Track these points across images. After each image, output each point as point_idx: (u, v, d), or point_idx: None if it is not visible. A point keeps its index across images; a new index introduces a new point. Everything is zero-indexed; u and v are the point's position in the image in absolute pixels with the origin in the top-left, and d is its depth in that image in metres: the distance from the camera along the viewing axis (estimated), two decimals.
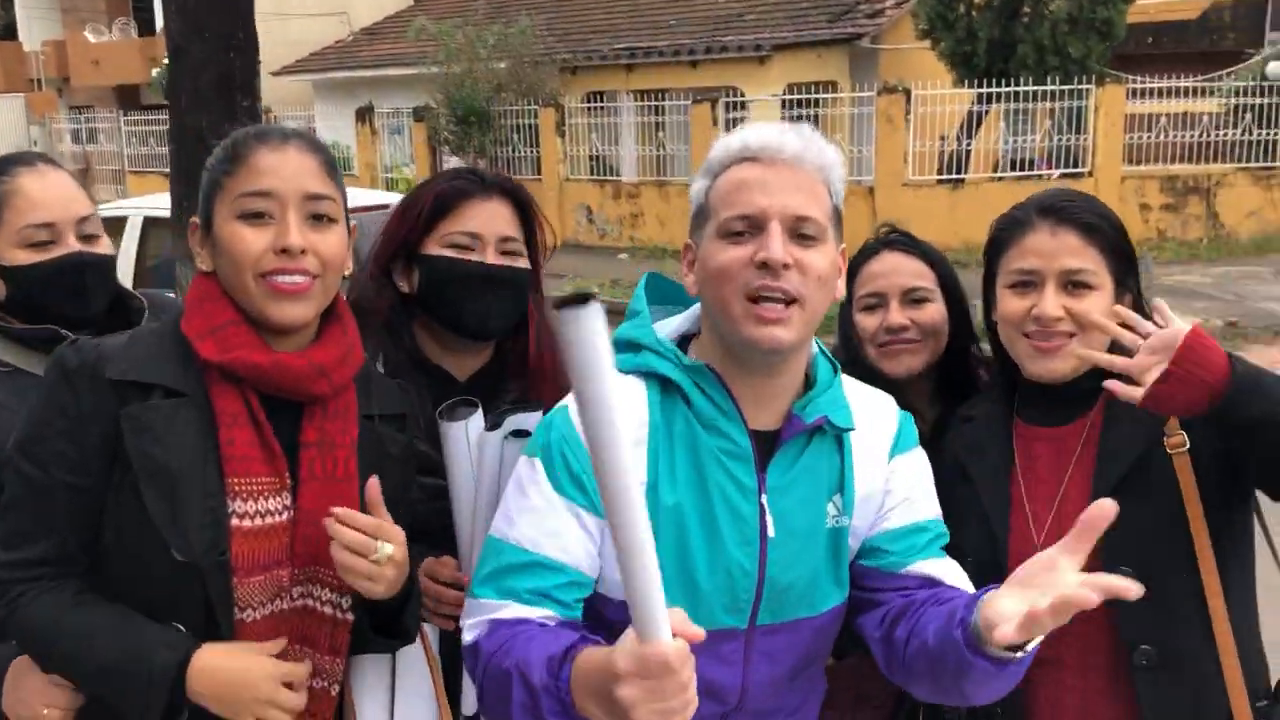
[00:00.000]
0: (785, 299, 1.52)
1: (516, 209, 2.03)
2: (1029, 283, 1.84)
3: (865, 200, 14.07)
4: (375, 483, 1.60)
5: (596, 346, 1.03)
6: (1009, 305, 1.87)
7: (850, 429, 1.65)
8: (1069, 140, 14.36)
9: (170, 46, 4.86)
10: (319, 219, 1.63)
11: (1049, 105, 14.31)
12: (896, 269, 2.17)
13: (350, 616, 1.67)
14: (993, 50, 14.13)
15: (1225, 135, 14.58)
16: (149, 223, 7.58)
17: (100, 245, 2.05)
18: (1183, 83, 14.64)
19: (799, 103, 15.05)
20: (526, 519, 1.58)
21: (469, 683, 1.83)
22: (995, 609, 1.37)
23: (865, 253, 2.19)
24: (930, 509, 1.71)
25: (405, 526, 1.67)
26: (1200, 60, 16.76)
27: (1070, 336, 1.82)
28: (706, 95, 15.57)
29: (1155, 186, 14.50)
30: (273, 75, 19.31)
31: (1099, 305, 1.81)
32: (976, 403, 2.06)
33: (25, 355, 1.96)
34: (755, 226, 1.53)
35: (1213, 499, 1.77)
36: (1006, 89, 14.17)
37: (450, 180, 2.02)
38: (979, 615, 1.40)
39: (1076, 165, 14.38)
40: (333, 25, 23.39)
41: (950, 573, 1.65)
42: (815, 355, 1.68)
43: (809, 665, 1.70)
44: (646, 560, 1.10)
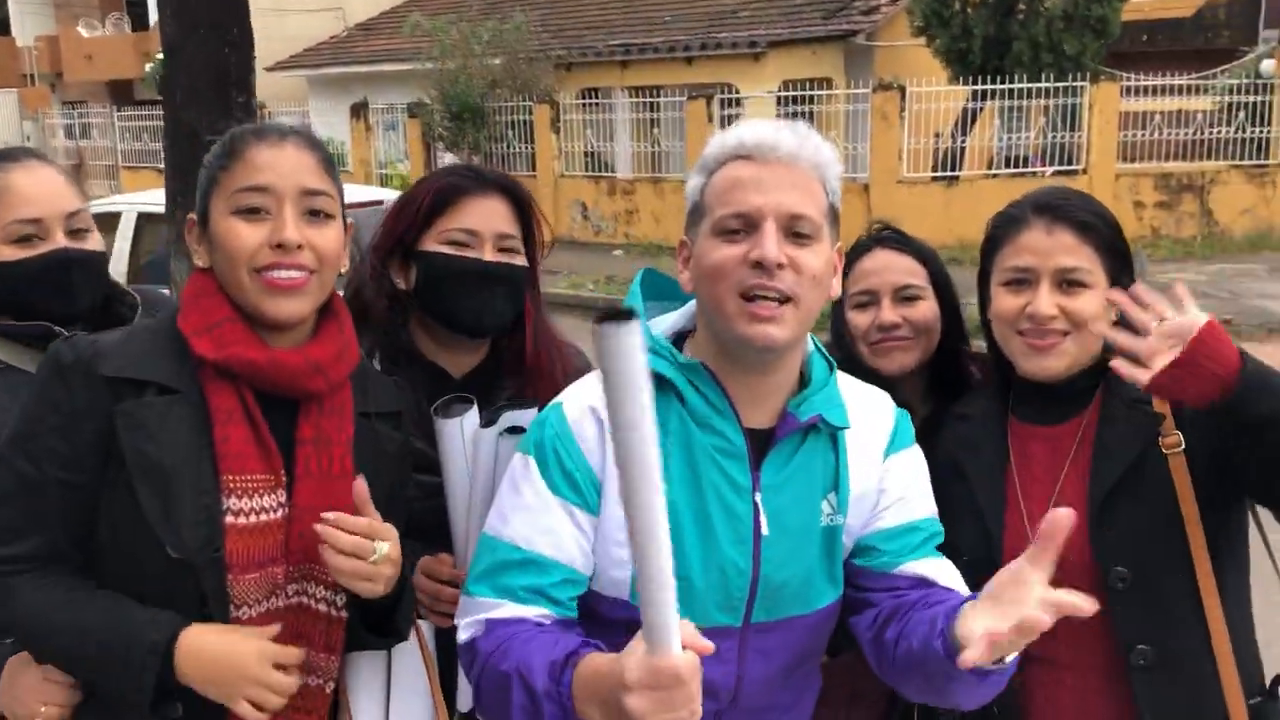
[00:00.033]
0: (780, 298, 1.51)
1: (514, 206, 2.02)
2: (1024, 280, 1.84)
3: (860, 197, 14.07)
4: (362, 482, 1.59)
5: (635, 364, 1.04)
6: (1003, 303, 1.87)
7: (845, 427, 1.64)
8: (1063, 137, 14.37)
9: (165, 42, 4.85)
10: (315, 215, 1.62)
11: (1043, 102, 14.32)
12: (889, 266, 2.17)
13: (345, 614, 1.67)
14: (988, 47, 14.14)
15: (1219, 133, 14.60)
16: (143, 219, 7.57)
17: (90, 241, 2.03)
18: (1177, 80, 14.67)
19: (794, 99, 15.05)
20: (520, 517, 1.58)
21: (464, 679, 1.83)
22: (966, 627, 1.38)
23: (857, 250, 2.19)
24: (925, 508, 1.70)
25: (401, 524, 1.66)
26: (1194, 58, 16.80)
27: (1064, 335, 1.82)
28: (701, 92, 15.56)
29: (1149, 184, 14.52)
30: (267, 71, 19.27)
31: (1093, 304, 1.81)
32: (971, 400, 2.06)
33: (17, 352, 1.95)
34: (750, 225, 1.53)
35: (1208, 499, 1.76)
36: (1001, 86, 14.18)
37: (448, 177, 2.02)
38: (955, 629, 1.40)
39: (1071, 162, 14.40)
40: (328, 21, 23.34)
41: (943, 573, 1.65)
42: (811, 353, 1.67)
43: (803, 663, 1.70)
44: (664, 574, 1.12)
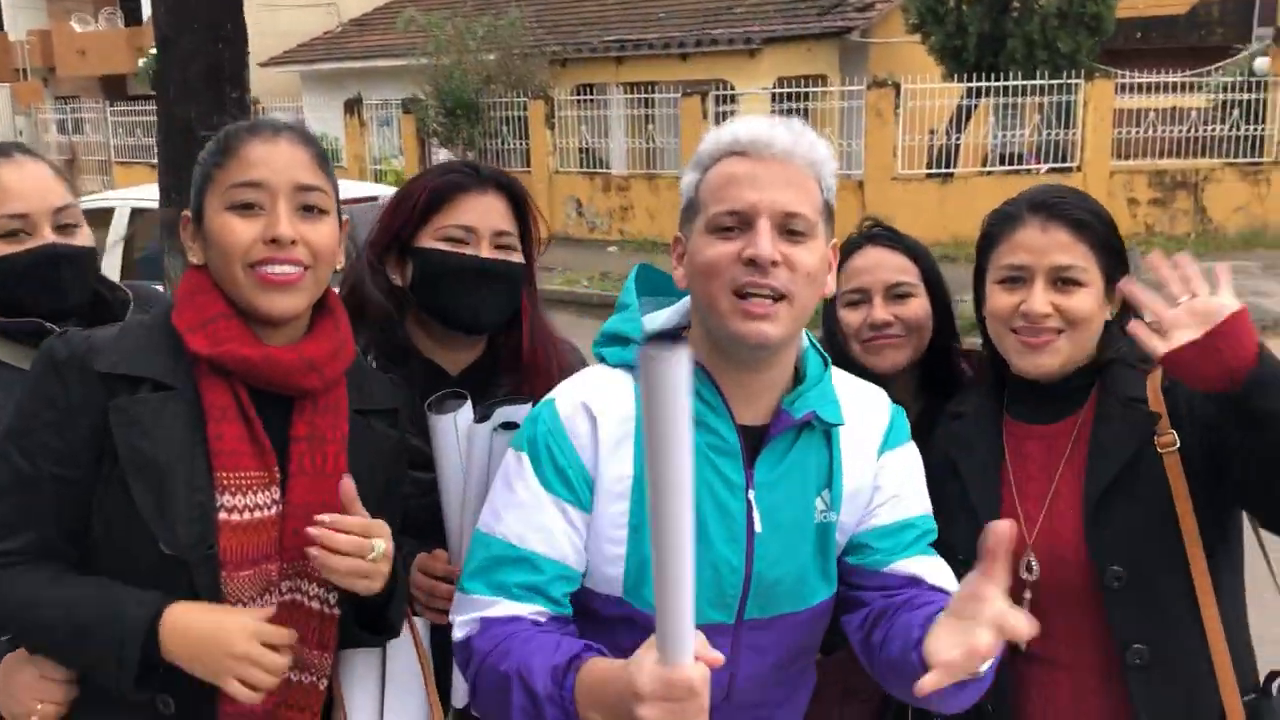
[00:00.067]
0: (774, 295, 1.51)
1: (511, 203, 2.02)
2: (1018, 278, 1.83)
3: (854, 194, 14.08)
4: (349, 481, 1.59)
5: (679, 392, 1.06)
6: (998, 301, 1.86)
7: (839, 424, 1.64)
8: (1058, 135, 14.39)
9: (158, 37, 4.83)
10: (310, 210, 1.62)
11: (1038, 100, 14.33)
12: (880, 264, 2.17)
13: (338, 611, 1.67)
14: (982, 44, 14.15)
15: (1213, 130, 14.63)
16: (136, 214, 7.55)
17: (79, 237, 2.02)
18: (1171, 78, 14.70)
19: (789, 96, 15.05)
20: (513, 514, 1.58)
21: (459, 676, 1.83)
22: (932, 646, 1.38)
23: (848, 248, 2.18)
24: (919, 505, 1.70)
25: (396, 522, 1.66)
26: (1189, 55, 16.82)
27: (1059, 333, 1.81)
28: (696, 88, 15.55)
29: (1143, 181, 14.54)
30: (261, 66, 19.22)
31: (1087, 302, 1.81)
32: (965, 398, 2.05)
33: (9, 349, 1.94)
34: (744, 222, 1.52)
35: (1203, 498, 1.76)
36: (996, 83, 14.18)
37: (445, 174, 2.01)
38: (925, 645, 1.40)
39: (1065, 160, 14.42)
40: (321, 16, 23.29)
41: (934, 572, 1.64)
42: (806, 349, 1.67)
43: (797, 659, 1.69)
44: (684, 588, 1.16)
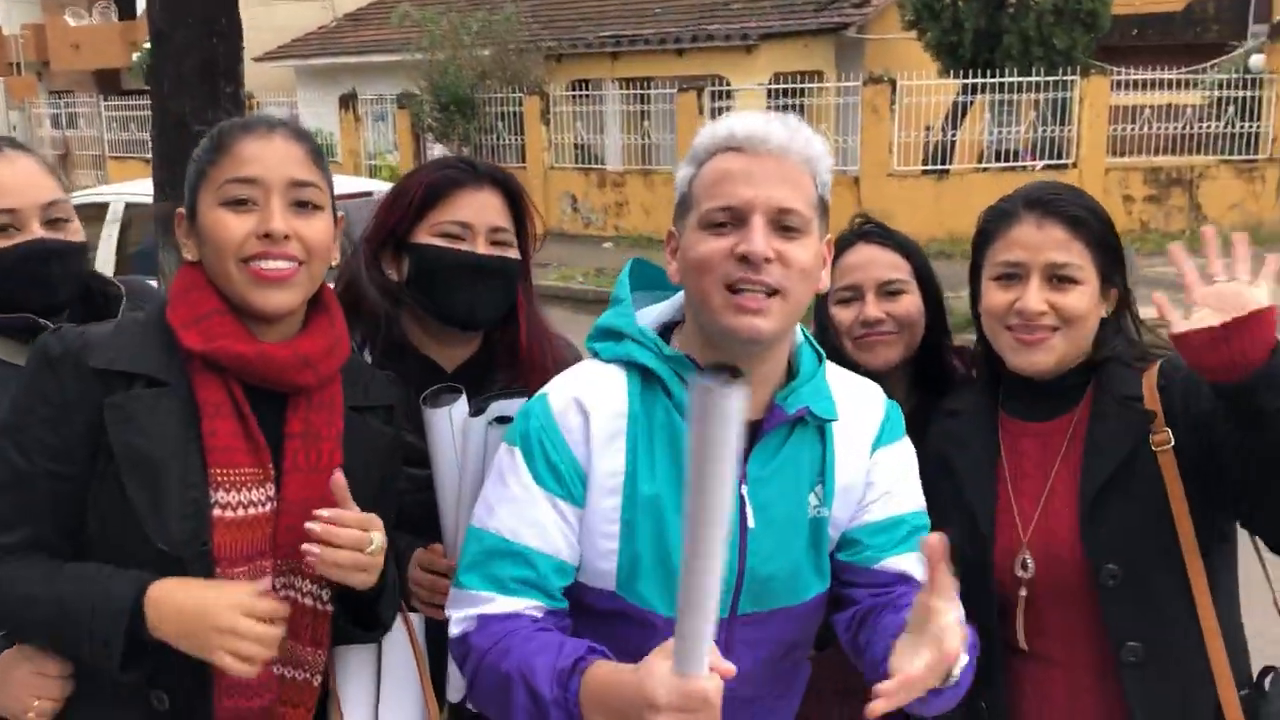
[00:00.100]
0: (767, 290, 1.51)
1: (507, 199, 2.02)
2: (1014, 275, 1.83)
3: (850, 190, 14.08)
4: (340, 476, 1.58)
5: (732, 428, 1.08)
6: (993, 297, 1.86)
7: (833, 419, 1.64)
8: (1053, 131, 14.40)
9: (152, 31, 4.80)
10: (303, 206, 1.62)
11: (1034, 96, 14.35)
12: (872, 261, 2.17)
13: (331, 608, 1.67)
14: (978, 41, 14.15)
15: (1208, 128, 14.65)
16: (131, 209, 7.53)
17: (69, 232, 2.00)
18: (1166, 75, 14.71)
19: (785, 92, 15.05)
20: (506, 509, 1.58)
21: (454, 670, 1.83)
22: (893, 665, 1.39)
23: (840, 245, 2.17)
24: (911, 501, 1.70)
25: (391, 518, 1.66)
26: (1184, 52, 16.82)
27: (1053, 330, 1.81)
28: (692, 84, 15.54)
29: (1139, 178, 14.56)
30: (255, 61, 19.18)
31: (1083, 299, 1.81)
32: (961, 395, 2.05)
33: (2, 344, 1.93)
34: (738, 218, 1.52)
35: (1197, 496, 1.76)
36: (992, 80, 14.19)
37: (442, 169, 2.01)
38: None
39: (1061, 157, 14.43)
40: (316, 11, 23.23)
41: (920, 569, 1.64)
42: (800, 344, 1.67)
43: (790, 653, 1.70)
44: (710, 605, 1.20)
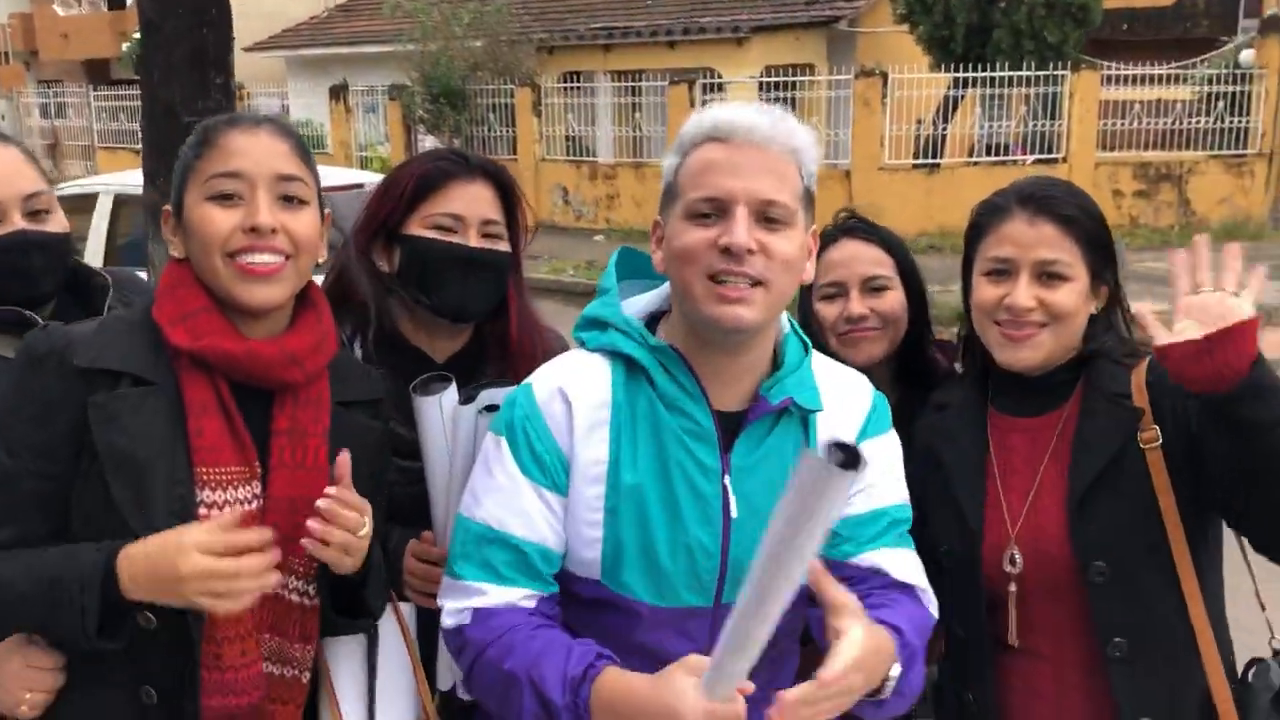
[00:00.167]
0: (750, 280, 1.51)
1: (499, 192, 2.02)
2: (1004, 271, 1.84)
3: (841, 184, 14.09)
4: (346, 457, 1.59)
5: (830, 508, 1.16)
6: (983, 292, 1.87)
7: (817, 410, 1.64)
8: (1044, 126, 14.42)
9: (142, 21, 4.79)
10: (290, 200, 1.62)
11: (1024, 91, 14.36)
12: (856, 257, 2.17)
13: (318, 602, 1.67)
14: (969, 34, 14.15)
15: (1198, 123, 14.68)
16: (120, 200, 7.51)
17: (51, 223, 1.99)
18: (1157, 69, 14.73)
19: (776, 85, 15.03)
20: (493, 498, 1.60)
21: (444, 659, 1.84)
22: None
23: (824, 240, 2.16)
24: (894, 495, 1.70)
25: (382, 512, 1.66)
26: (1174, 47, 16.86)
27: (1042, 327, 1.82)
28: (684, 76, 15.52)
29: (1128, 173, 14.59)
30: (246, 51, 19.08)
31: (1071, 297, 1.81)
32: (950, 390, 2.05)
33: None
34: (721, 209, 1.53)
35: (1185, 493, 1.77)
36: (983, 74, 14.20)
37: (434, 161, 2.01)
38: None
39: (1051, 151, 14.45)
40: (307, 1, 23.14)
41: (898, 564, 1.65)
42: (786, 335, 1.67)
43: (776, 643, 1.69)
44: (752, 655, 1.30)
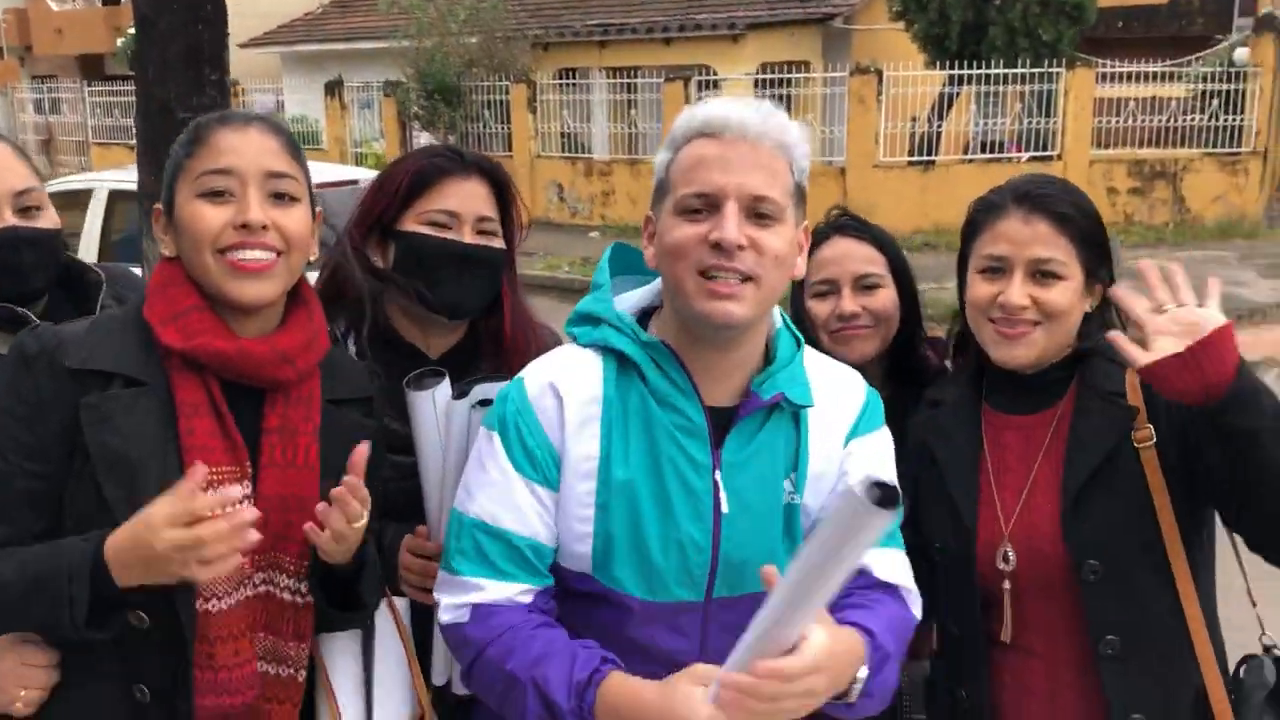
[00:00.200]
0: (740, 276, 1.52)
1: (493, 188, 2.03)
2: (998, 269, 1.84)
3: (836, 181, 14.07)
4: (365, 449, 1.59)
5: (862, 545, 1.22)
6: (977, 290, 1.87)
7: (808, 405, 1.64)
8: (1039, 123, 14.43)
9: (137, 16, 4.77)
10: (281, 197, 1.62)
11: (1019, 88, 14.37)
12: (848, 255, 2.18)
13: (310, 599, 1.67)
14: (965, 32, 14.16)
15: (1192, 120, 14.69)
16: (114, 196, 7.49)
17: (42, 219, 1.99)
18: (1151, 67, 14.73)
19: (771, 82, 15.02)
20: (486, 493, 1.60)
21: (438, 654, 1.85)
22: None
23: (816, 238, 2.17)
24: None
25: (376, 508, 1.66)
26: (1169, 45, 16.86)
27: (1035, 325, 1.82)
28: (679, 73, 15.51)
29: (1123, 171, 14.60)
30: (240, 47, 19.05)
31: (1065, 295, 1.81)
32: (944, 387, 2.06)
33: None
34: (711, 205, 1.53)
35: (1179, 492, 1.77)
36: (978, 71, 14.21)
37: (430, 158, 2.02)
38: None
39: (1045, 148, 14.46)
40: None
41: (884, 564, 1.64)
42: (778, 330, 1.68)
43: None
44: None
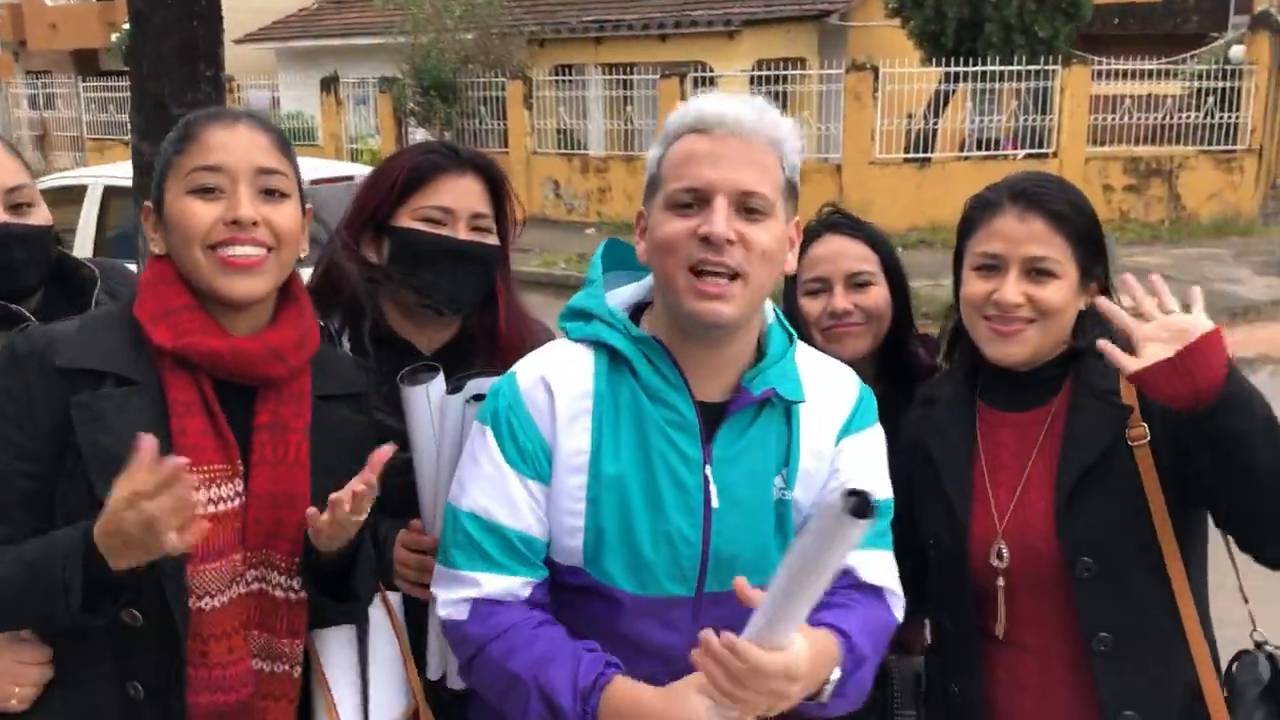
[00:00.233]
0: (729, 274, 1.52)
1: (488, 185, 2.03)
2: (993, 266, 1.84)
3: (832, 178, 14.07)
4: (387, 450, 1.56)
5: (841, 554, 1.26)
6: (972, 287, 1.87)
7: (799, 401, 1.65)
8: (1034, 120, 14.43)
9: (131, 12, 4.77)
10: (271, 194, 1.62)
11: (1015, 85, 14.37)
12: (840, 253, 2.18)
13: (304, 595, 1.67)
14: (960, 29, 14.16)
15: (1188, 118, 14.70)
16: (109, 192, 7.48)
17: (34, 216, 1.98)
18: (1147, 65, 14.74)
19: (767, 79, 15.02)
20: (479, 487, 1.61)
21: (433, 649, 1.86)
22: None
23: (808, 235, 2.17)
24: (876, 489, 1.69)
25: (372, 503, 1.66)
26: (1165, 42, 16.88)
27: (1030, 323, 1.82)
28: (675, 70, 15.50)
29: (1118, 168, 14.62)
30: (236, 43, 19.00)
31: (1060, 293, 1.82)
32: (938, 384, 2.06)
33: None
34: (701, 200, 1.54)
35: (1173, 491, 1.78)
36: (974, 68, 14.21)
37: (424, 154, 2.02)
38: None
39: (1041, 146, 14.47)
40: None
41: (869, 566, 1.65)
42: (770, 326, 1.68)
43: None
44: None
